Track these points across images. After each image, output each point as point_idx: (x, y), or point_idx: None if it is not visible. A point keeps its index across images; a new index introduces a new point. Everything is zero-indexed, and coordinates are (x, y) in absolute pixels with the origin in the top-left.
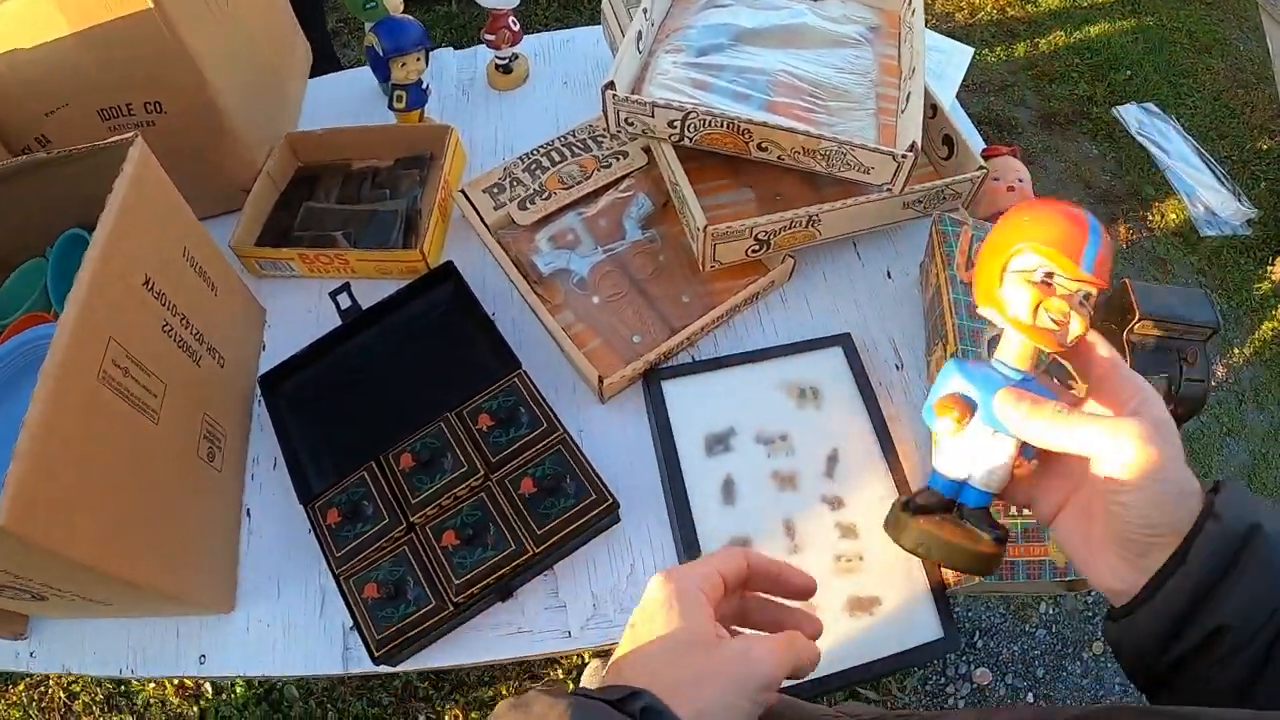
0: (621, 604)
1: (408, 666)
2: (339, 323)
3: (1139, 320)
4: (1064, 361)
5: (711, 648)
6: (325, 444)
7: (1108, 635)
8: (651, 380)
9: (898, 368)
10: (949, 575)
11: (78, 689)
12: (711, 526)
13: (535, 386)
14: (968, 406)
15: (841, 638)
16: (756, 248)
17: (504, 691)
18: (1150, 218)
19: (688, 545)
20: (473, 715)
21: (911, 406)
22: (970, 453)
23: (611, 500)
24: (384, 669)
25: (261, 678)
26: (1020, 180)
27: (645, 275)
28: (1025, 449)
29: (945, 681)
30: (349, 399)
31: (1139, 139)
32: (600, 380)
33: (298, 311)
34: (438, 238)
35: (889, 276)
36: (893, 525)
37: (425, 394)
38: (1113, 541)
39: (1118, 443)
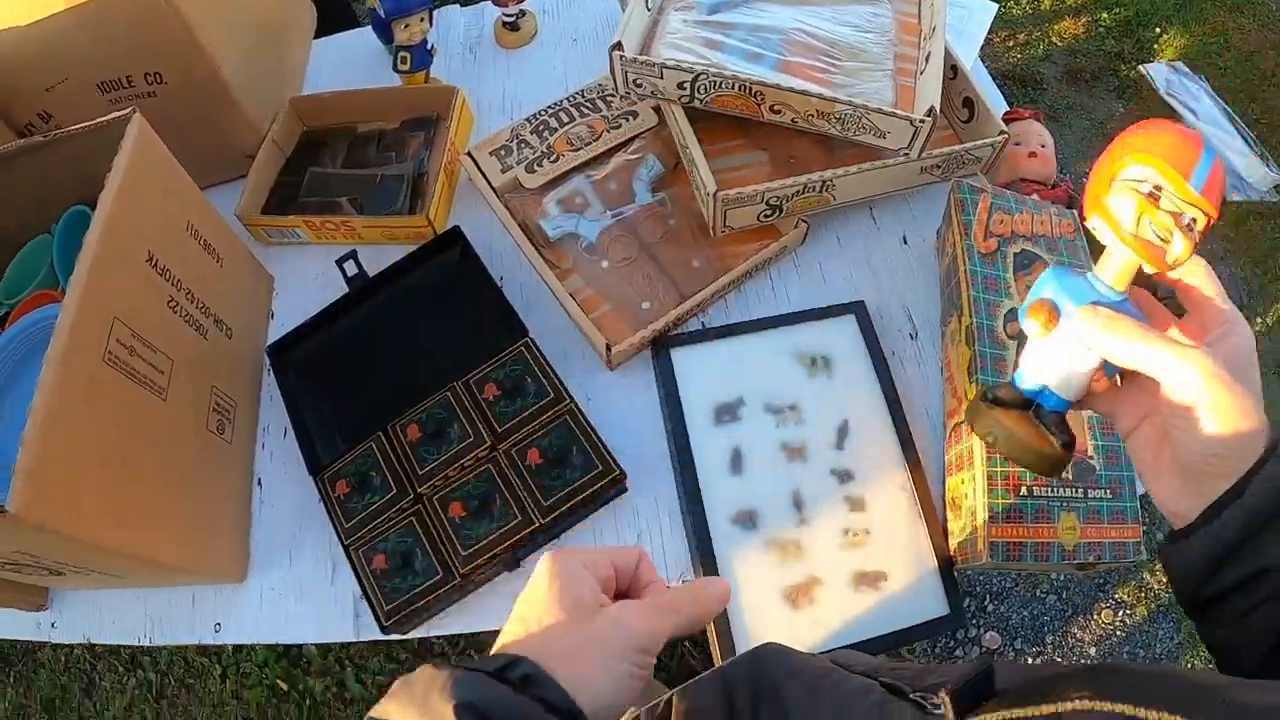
0: None
1: (417, 634)
2: (346, 289)
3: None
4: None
5: (589, 618)
6: (333, 414)
7: (1161, 555)
8: (660, 348)
9: (912, 337)
10: (954, 548)
11: (101, 648)
12: (719, 497)
13: (543, 355)
14: (1055, 314)
15: (846, 612)
16: (769, 213)
17: None
18: None
19: (694, 515)
20: None
21: (925, 377)
22: (1052, 359)
23: (619, 472)
24: (394, 637)
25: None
26: (1043, 145)
27: (655, 239)
28: (1107, 366)
29: (954, 645)
30: (356, 368)
31: (1166, 99)
32: (608, 347)
33: (306, 278)
34: (444, 202)
35: (905, 242)
36: (970, 412)
37: (432, 363)
38: (1176, 465)
39: (1183, 370)
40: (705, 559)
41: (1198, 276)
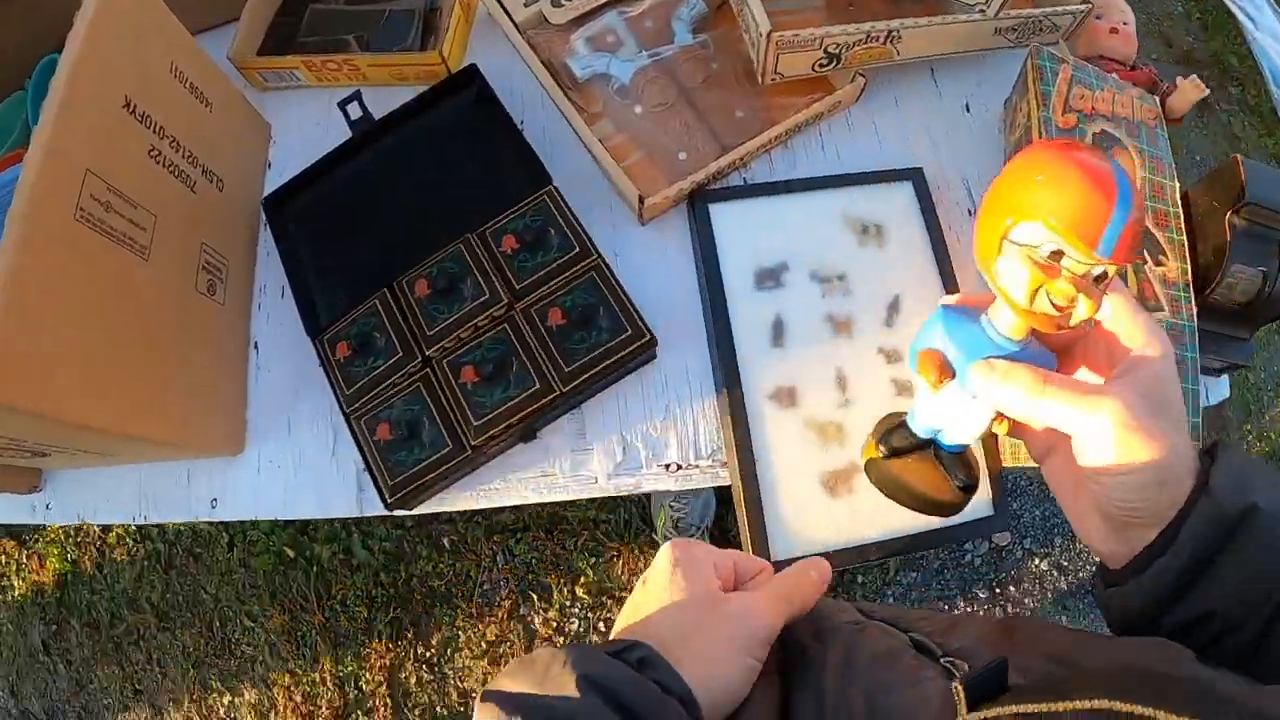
0: (654, 449)
1: (425, 509)
2: (350, 134)
3: (1246, 204)
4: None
5: (713, 608)
6: (335, 271)
7: (1097, 598)
8: (697, 202)
9: (970, 213)
10: (1004, 456)
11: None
12: (757, 369)
13: (567, 205)
14: (947, 369)
15: (886, 507)
16: (825, 61)
17: (526, 519)
18: (1229, 89)
19: (730, 387)
20: (495, 538)
21: None
22: (944, 411)
23: (649, 336)
24: (399, 513)
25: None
26: (1125, 23)
27: (695, 84)
28: None
29: (964, 538)
30: (360, 220)
31: (1227, 3)
32: (641, 199)
33: (306, 125)
34: (459, 38)
35: (967, 110)
36: (866, 461)
37: (444, 213)
38: (1095, 510)
39: (1092, 423)
40: (740, 436)
41: (1108, 298)
